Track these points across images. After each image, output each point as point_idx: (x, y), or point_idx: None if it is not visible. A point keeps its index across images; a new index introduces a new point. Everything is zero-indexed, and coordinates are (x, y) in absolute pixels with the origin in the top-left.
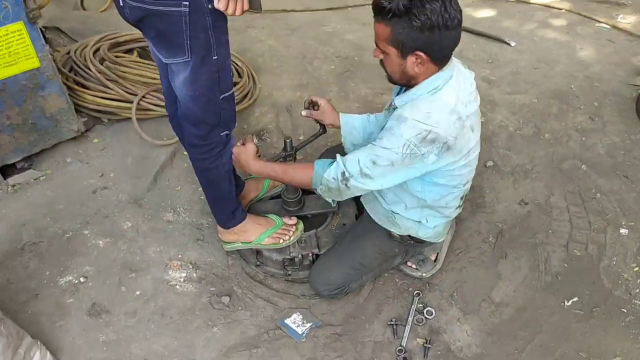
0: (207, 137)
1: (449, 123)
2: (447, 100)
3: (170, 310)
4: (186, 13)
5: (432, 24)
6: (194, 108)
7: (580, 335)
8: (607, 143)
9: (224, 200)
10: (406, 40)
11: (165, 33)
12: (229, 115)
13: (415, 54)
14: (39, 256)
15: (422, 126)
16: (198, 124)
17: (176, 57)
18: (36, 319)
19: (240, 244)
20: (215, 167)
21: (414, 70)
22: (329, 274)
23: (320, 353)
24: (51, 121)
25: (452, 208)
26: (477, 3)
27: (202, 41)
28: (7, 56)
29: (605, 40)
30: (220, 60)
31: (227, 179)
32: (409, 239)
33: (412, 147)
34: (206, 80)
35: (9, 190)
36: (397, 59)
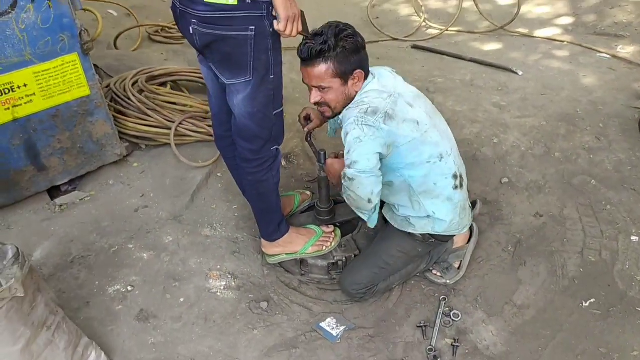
0: (259, 151)
1: (381, 99)
2: (372, 89)
3: (213, 314)
4: (252, 37)
5: (357, 45)
6: (250, 124)
7: (599, 333)
8: (614, 160)
9: (271, 213)
10: (346, 65)
11: (231, 55)
12: (279, 131)
13: (354, 74)
14: (88, 268)
15: (362, 106)
16: (252, 139)
17: (239, 77)
18: (89, 324)
19: (285, 255)
20: (266, 180)
21: (354, 90)
22: (357, 274)
23: (355, 353)
24: (97, 145)
25: (447, 188)
26: (483, 37)
27: (263, 62)
28: (61, 84)
29: (607, 68)
30: (276, 79)
31: (276, 191)
32: (430, 237)
33: (361, 119)
34: (263, 98)
35: (57, 210)
36: (341, 87)
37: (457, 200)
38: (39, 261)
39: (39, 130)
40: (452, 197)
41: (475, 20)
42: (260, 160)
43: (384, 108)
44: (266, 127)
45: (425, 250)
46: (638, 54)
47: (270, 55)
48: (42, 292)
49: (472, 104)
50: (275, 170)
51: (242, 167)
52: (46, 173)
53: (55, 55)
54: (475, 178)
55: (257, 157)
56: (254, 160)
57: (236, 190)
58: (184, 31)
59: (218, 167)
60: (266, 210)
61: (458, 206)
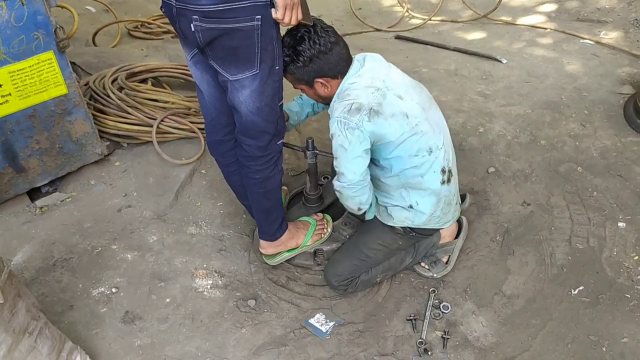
0: (267, 147)
1: (367, 94)
2: (359, 83)
3: (200, 314)
4: (258, 27)
5: (310, 57)
6: (257, 120)
7: (588, 321)
8: (600, 146)
9: (277, 209)
10: (303, 76)
11: (237, 49)
12: (283, 124)
13: (316, 82)
14: (70, 271)
15: (345, 103)
16: (259, 135)
17: (245, 71)
18: (73, 328)
19: (287, 253)
20: (273, 175)
21: (324, 92)
22: (338, 266)
23: (345, 348)
24: (77, 145)
25: (434, 182)
26: (467, 26)
27: (270, 52)
28: (38, 83)
29: (590, 55)
30: (280, 70)
31: (280, 185)
32: (410, 230)
33: (344, 120)
34: (270, 90)
35: (37, 212)
36: (309, 90)
37: (443, 195)
38: (20, 265)
39: (16, 131)
40: (438, 192)
41: (458, 9)
42: (267, 157)
43: (369, 104)
44: (272, 121)
45: (406, 243)
46: (621, 39)
47: (276, 45)
48: (22, 298)
49: (457, 93)
50: (280, 164)
51: (249, 167)
52: (25, 175)
53: (31, 54)
54: (462, 168)
55: (264, 153)
56: (262, 157)
57: (221, 187)
58: (183, 30)
59: (202, 164)
60: (272, 208)
61: (442, 201)
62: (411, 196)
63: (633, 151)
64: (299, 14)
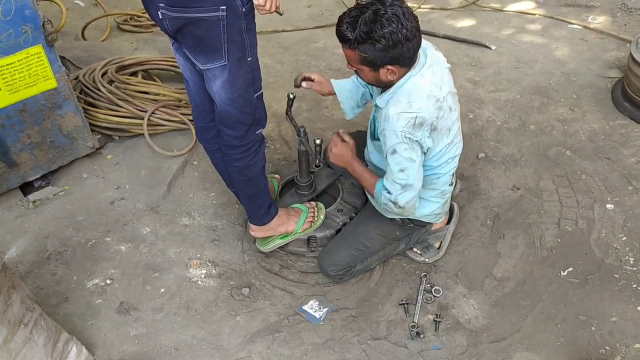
0: (244, 137)
1: (429, 106)
2: (422, 87)
3: (195, 303)
4: (224, 17)
5: (394, 42)
6: (231, 110)
7: (577, 301)
8: (588, 130)
9: (261, 196)
10: (374, 60)
11: (203, 38)
12: (262, 114)
13: (386, 68)
14: (65, 263)
15: (408, 115)
16: (236, 125)
17: (214, 62)
18: (69, 319)
19: (280, 239)
20: (254, 164)
21: (387, 78)
22: (335, 255)
23: (339, 334)
24: (68, 139)
25: (445, 184)
26: (456, 14)
27: (238, 43)
28: (27, 77)
29: (579, 39)
30: (254, 61)
31: (264, 174)
32: (409, 222)
33: (408, 135)
34: (243, 82)
35: (30, 206)
36: (371, 73)
37: (447, 195)
38: (14, 259)
39: (6, 125)
40: (445, 192)
41: None
42: (246, 146)
43: (431, 119)
44: (248, 112)
45: (403, 233)
46: (609, 23)
47: (246, 37)
48: (17, 290)
49: None
50: (261, 153)
51: (228, 155)
52: (17, 169)
53: (19, 48)
54: None
55: (242, 143)
56: (240, 146)
57: (213, 178)
58: (153, 17)
59: (194, 156)
60: (255, 194)
61: (444, 199)
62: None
63: (621, 134)
64: (277, 0)
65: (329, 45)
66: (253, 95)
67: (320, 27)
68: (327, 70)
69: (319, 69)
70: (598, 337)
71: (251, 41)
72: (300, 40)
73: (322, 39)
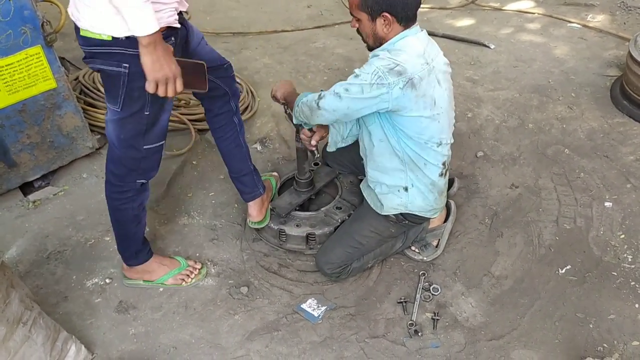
0: (123, 178)
1: (416, 63)
2: (415, 46)
3: (194, 302)
4: (125, 74)
5: None
6: (117, 146)
7: (576, 299)
8: (587, 128)
9: (128, 240)
10: (373, 4)
11: (105, 85)
12: (150, 166)
13: (382, 16)
14: (64, 263)
15: (391, 59)
16: (116, 162)
17: (110, 104)
18: (68, 318)
19: (143, 282)
20: (124, 209)
21: (383, 31)
22: (330, 253)
23: (337, 332)
24: (68, 139)
25: (434, 172)
26: (455, 13)
27: (136, 99)
28: (26, 78)
29: (578, 38)
30: (151, 116)
31: (135, 222)
32: (403, 218)
33: (380, 74)
34: (132, 129)
35: (30, 206)
36: (369, 23)
37: (440, 188)
38: (14, 258)
39: (6, 126)
40: (436, 183)
41: None
42: (121, 188)
43: (412, 74)
44: (131, 156)
45: (398, 231)
46: (608, 22)
47: (148, 94)
48: (15, 288)
49: None
50: (137, 203)
51: (105, 189)
52: (17, 169)
53: (18, 49)
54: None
55: (119, 182)
56: (116, 185)
57: (212, 178)
58: None
59: (193, 155)
60: (123, 236)
61: (436, 191)
62: (408, 177)
63: (619, 132)
64: (177, 85)
65: (328, 45)
66: (142, 145)
67: (319, 27)
68: (326, 70)
69: (318, 69)
70: (596, 334)
71: (155, 98)
72: (300, 40)
73: (321, 39)
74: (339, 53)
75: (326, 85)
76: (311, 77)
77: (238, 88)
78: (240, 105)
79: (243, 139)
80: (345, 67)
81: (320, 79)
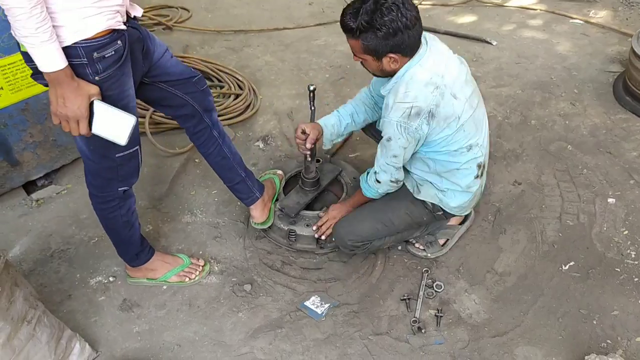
0: (103, 189)
1: (427, 94)
2: (420, 77)
3: (197, 300)
4: None
5: (394, 30)
6: (89, 157)
7: (579, 295)
8: (589, 124)
9: (125, 244)
10: (376, 48)
11: None
12: (128, 173)
13: (388, 56)
14: (68, 261)
15: (403, 105)
16: (94, 174)
17: None
18: (72, 317)
19: (146, 280)
20: (113, 218)
21: (390, 67)
22: (359, 225)
23: (340, 329)
24: (70, 137)
25: (469, 176)
26: (457, 9)
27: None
28: (29, 77)
29: (580, 34)
30: None
31: (127, 227)
32: (440, 209)
33: (404, 125)
34: (99, 140)
35: (34, 205)
36: (374, 62)
37: (475, 189)
38: (18, 257)
39: (9, 125)
40: (471, 185)
41: None
42: (104, 199)
43: (428, 106)
44: (106, 166)
45: (429, 220)
46: (610, 18)
47: None
48: (20, 287)
49: None
50: (124, 210)
51: (90, 200)
52: (20, 168)
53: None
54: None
55: (101, 193)
56: (98, 196)
57: (215, 176)
58: None
59: (195, 153)
60: (119, 242)
61: (472, 193)
62: (444, 183)
63: (622, 128)
64: (80, 128)
65: (330, 43)
66: (114, 154)
67: (321, 24)
68: (328, 67)
69: (320, 67)
70: (599, 331)
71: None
72: (302, 37)
73: (323, 36)
74: (341, 50)
75: (327, 82)
76: (313, 74)
77: (212, 101)
78: (242, 104)
79: (228, 149)
80: (347, 65)
81: (322, 76)
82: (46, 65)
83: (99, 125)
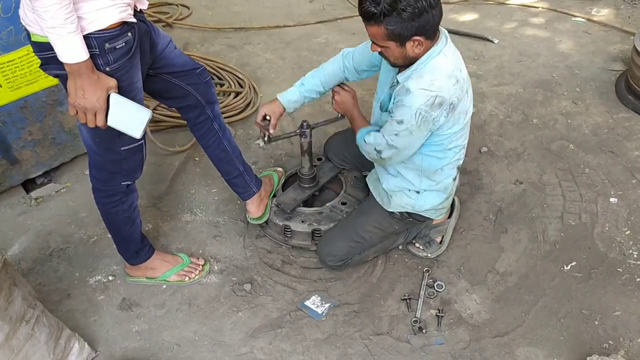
0: (107, 182)
1: (450, 86)
2: (444, 67)
3: (197, 299)
4: None
5: (420, 9)
6: (94, 150)
7: (581, 295)
8: (591, 123)
9: (126, 241)
10: (401, 32)
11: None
12: (132, 166)
13: (413, 40)
14: (67, 260)
15: (428, 93)
16: (98, 167)
17: None
18: (71, 316)
19: (145, 279)
20: (115, 212)
21: (414, 52)
22: (333, 246)
23: (341, 329)
24: (70, 135)
25: (448, 177)
26: (459, 8)
27: None
28: (28, 74)
29: (582, 32)
30: None
31: (128, 223)
32: (409, 216)
33: (424, 113)
34: (105, 132)
35: (33, 203)
36: (398, 49)
37: (450, 190)
38: (16, 256)
39: (8, 123)
40: (447, 187)
41: None
42: (107, 192)
43: (450, 98)
44: (111, 159)
45: (402, 227)
46: (613, 16)
47: None
48: (18, 286)
49: None
50: (127, 205)
51: (93, 194)
52: (19, 166)
53: (20, 45)
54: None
55: (104, 187)
56: (102, 190)
57: (215, 174)
58: None
59: (195, 152)
60: (120, 238)
61: (447, 194)
62: (423, 182)
63: (624, 127)
64: (97, 120)
65: (330, 40)
66: (119, 147)
67: (322, 22)
68: None
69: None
70: (601, 331)
71: None
72: (302, 35)
73: (323, 34)
74: (342, 48)
75: None
76: None
77: (214, 93)
78: (242, 102)
79: (228, 142)
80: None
81: None
82: (70, 57)
83: (115, 118)
